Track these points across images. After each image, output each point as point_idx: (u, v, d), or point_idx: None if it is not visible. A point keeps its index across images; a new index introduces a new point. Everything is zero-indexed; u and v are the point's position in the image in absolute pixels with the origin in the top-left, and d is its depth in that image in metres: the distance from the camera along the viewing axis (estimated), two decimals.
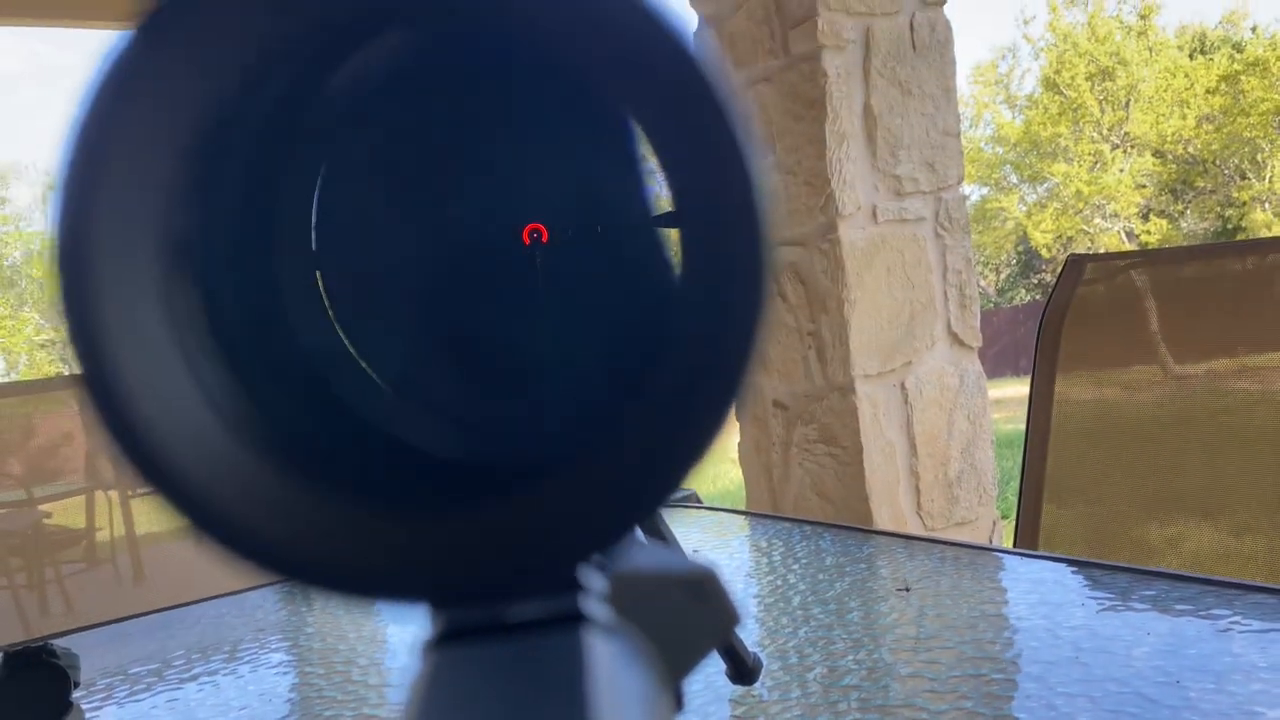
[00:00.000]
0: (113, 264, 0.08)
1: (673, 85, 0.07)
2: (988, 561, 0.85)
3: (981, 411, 2.38)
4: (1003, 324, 17.71)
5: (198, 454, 0.08)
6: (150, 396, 0.08)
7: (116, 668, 0.81)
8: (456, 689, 0.09)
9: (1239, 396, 1.32)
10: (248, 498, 0.08)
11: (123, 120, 0.07)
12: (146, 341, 0.08)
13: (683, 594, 0.15)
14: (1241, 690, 0.53)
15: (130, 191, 0.07)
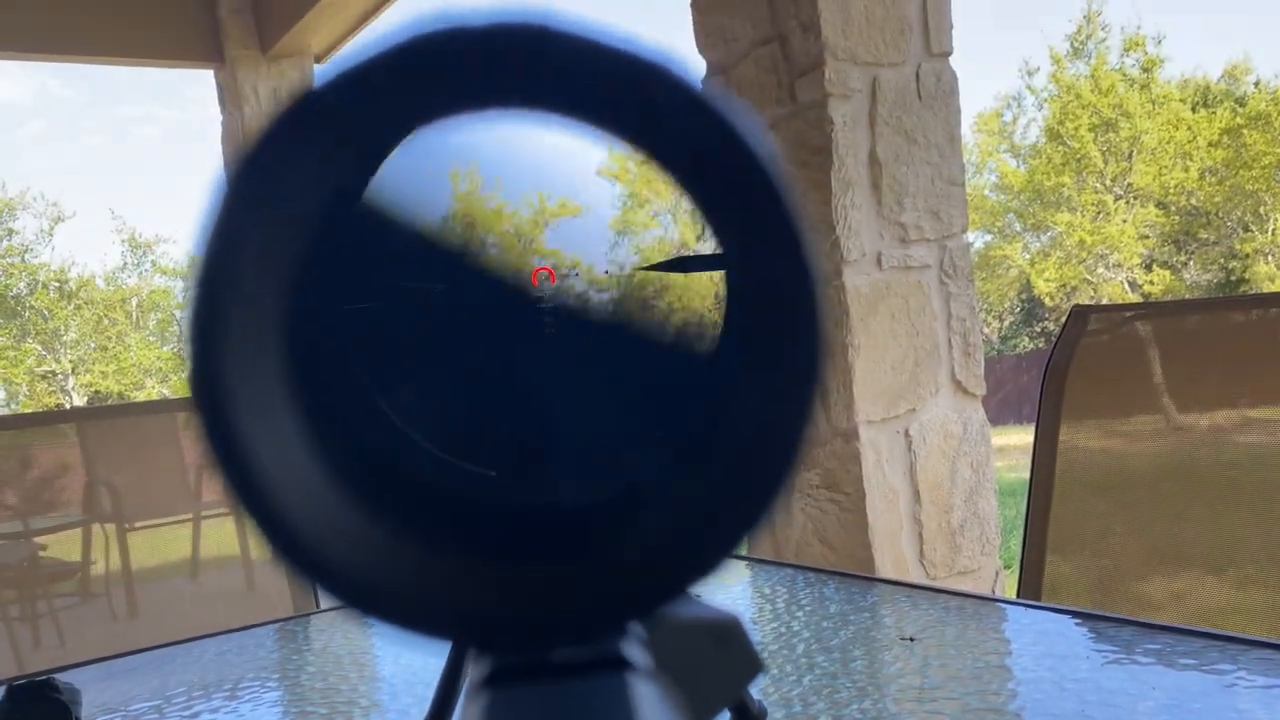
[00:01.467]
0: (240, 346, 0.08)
1: (730, 169, 0.08)
2: (992, 612, 0.84)
3: (985, 460, 2.38)
4: (1006, 372, 17.70)
5: (309, 514, 0.09)
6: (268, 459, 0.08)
7: (117, 704, 0.81)
8: None
9: (1243, 450, 1.32)
10: (351, 548, 0.09)
11: (256, 206, 0.08)
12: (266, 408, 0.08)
13: (709, 641, 0.16)
14: None
15: (258, 276, 0.08)
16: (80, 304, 21.57)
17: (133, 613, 1.84)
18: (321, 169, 0.08)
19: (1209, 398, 1.35)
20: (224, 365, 0.08)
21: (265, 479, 0.08)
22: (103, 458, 1.86)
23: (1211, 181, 17.55)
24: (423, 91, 0.08)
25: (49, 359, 21.23)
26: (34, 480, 1.95)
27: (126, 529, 1.87)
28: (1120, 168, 18.31)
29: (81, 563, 1.93)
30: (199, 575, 1.92)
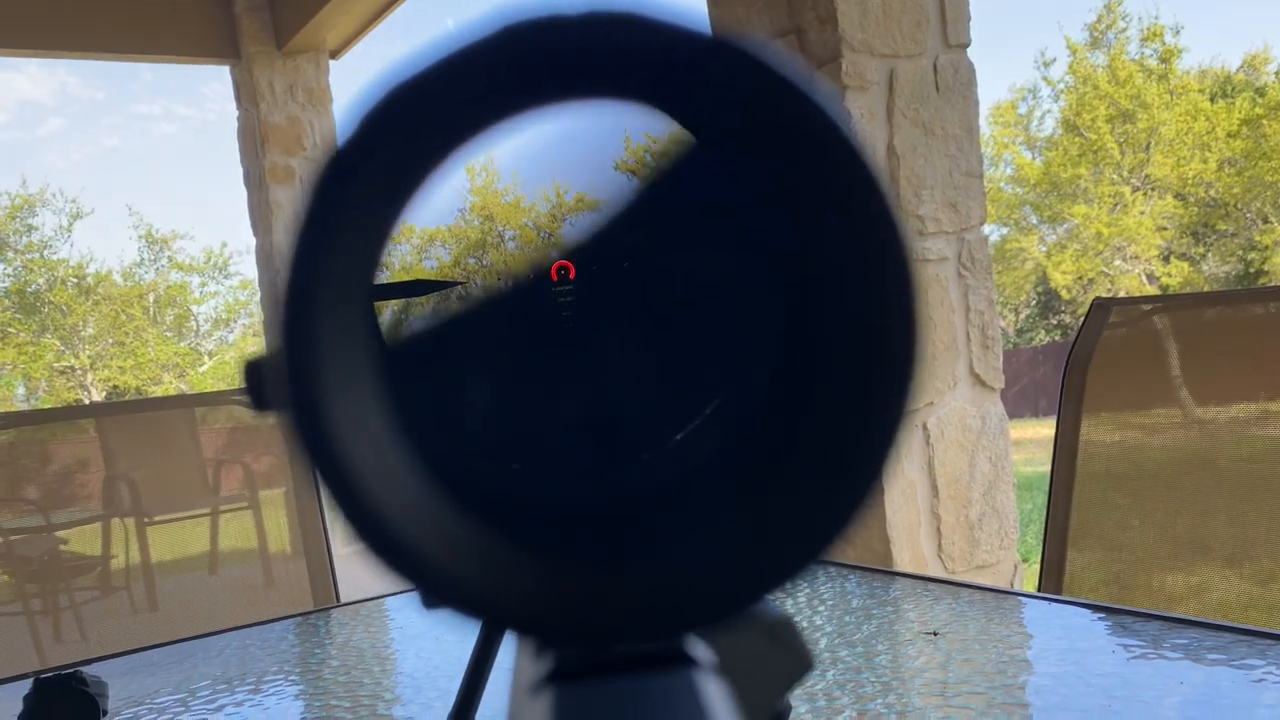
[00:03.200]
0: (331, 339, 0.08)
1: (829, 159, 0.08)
2: (1015, 606, 0.84)
3: (1003, 453, 2.37)
4: (1022, 365, 17.61)
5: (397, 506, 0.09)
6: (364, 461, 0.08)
7: (142, 696, 0.82)
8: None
9: (1264, 443, 1.31)
10: (446, 548, 0.09)
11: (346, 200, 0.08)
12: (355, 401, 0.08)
13: (761, 637, 0.16)
14: None
15: (348, 268, 0.08)
16: (98, 300, 21.69)
17: (152, 606, 1.85)
18: (409, 160, 0.08)
19: (1229, 390, 1.34)
20: (316, 360, 0.08)
21: (354, 471, 0.08)
22: (122, 452, 1.87)
23: (1230, 172, 17.40)
24: (515, 83, 0.08)
25: (68, 354, 21.37)
26: (55, 475, 1.97)
27: (146, 523, 1.88)
28: (1138, 159, 18.18)
29: (102, 557, 1.94)
30: (218, 569, 1.93)
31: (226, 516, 1.88)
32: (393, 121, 0.08)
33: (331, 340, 0.08)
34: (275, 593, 1.72)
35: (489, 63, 0.07)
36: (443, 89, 0.08)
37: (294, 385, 0.08)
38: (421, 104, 0.08)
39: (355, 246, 0.08)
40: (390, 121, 0.08)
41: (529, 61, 0.07)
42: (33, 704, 0.69)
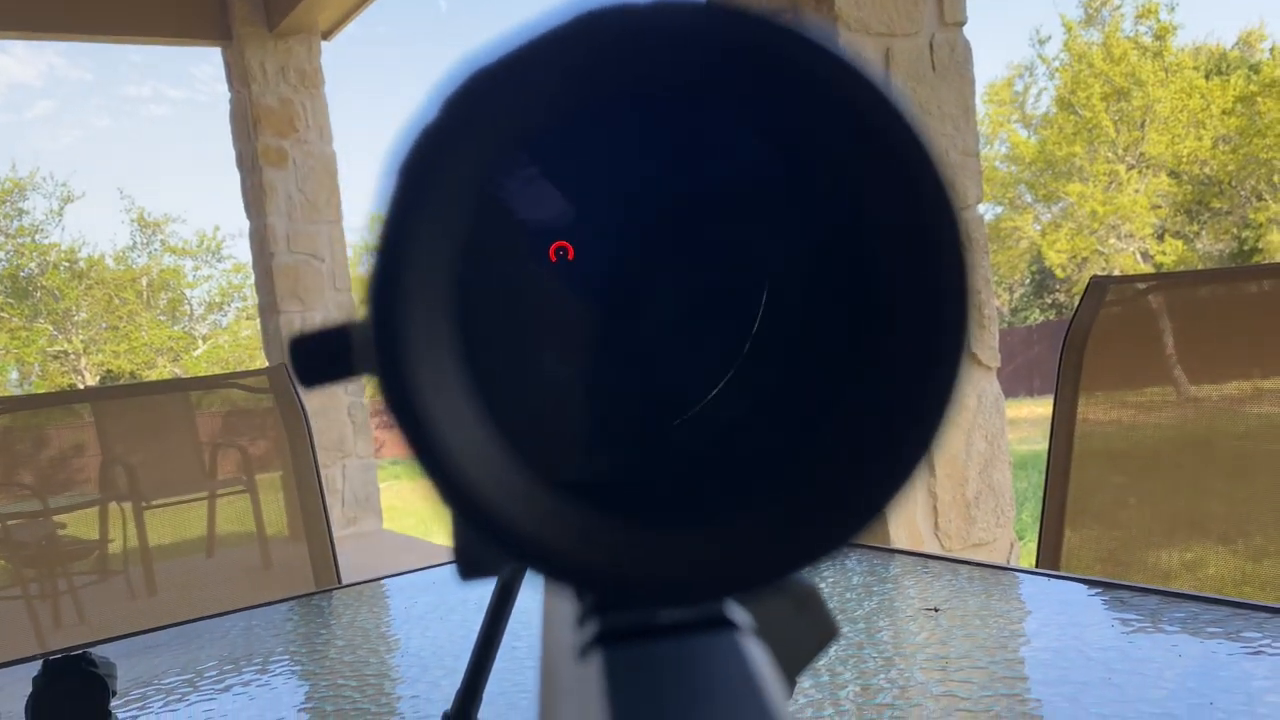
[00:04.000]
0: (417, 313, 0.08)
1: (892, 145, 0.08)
2: (1013, 582, 0.85)
3: (999, 432, 2.38)
4: (1016, 344, 17.64)
5: (482, 469, 0.09)
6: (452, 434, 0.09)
7: (150, 677, 0.82)
8: (643, 686, 0.10)
9: (1258, 420, 1.32)
10: (525, 510, 0.09)
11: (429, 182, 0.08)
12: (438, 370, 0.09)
13: (789, 606, 0.16)
14: (1275, 712, 0.54)
15: (432, 244, 0.08)
16: (91, 284, 21.62)
17: (151, 590, 1.86)
18: (486, 144, 0.08)
19: (1224, 369, 1.35)
20: (403, 332, 0.08)
21: (437, 435, 0.09)
22: (118, 437, 1.87)
23: (1225, 150, 17.39)
24: (589, 73, 0.08)
25: (61, 339, 21.32)
26: (51, 460, 1.97)
27: (144, 507, 1.89)
28: (1133, 137, 18.16)
29: (99, 541, 1.94)
30: (215, 553, 1.93)
31: (224, 500, 1.88)
32: (473, 104, 0.08)
33: (418, 310, 0.08)
34: (274, 576, 1.73)
35: (561, 49, 0.08)
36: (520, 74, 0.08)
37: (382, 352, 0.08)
38: (499, 88, 0.08)
39: (440, 223, 0.08)
40: (471, 104, 0.08)
41: (599, 47, 0.08)
42: (42, 685, 0.70)
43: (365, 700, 0.71)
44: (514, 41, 0.08)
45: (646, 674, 0.10)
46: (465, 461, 0.09)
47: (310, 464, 1.54)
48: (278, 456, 1.69)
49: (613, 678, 0.10)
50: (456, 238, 0.08)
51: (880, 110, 0.08)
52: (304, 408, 1.56)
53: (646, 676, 0.10)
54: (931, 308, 0.08)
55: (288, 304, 5.62)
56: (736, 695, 0.09)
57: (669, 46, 0.08)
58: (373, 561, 4.35)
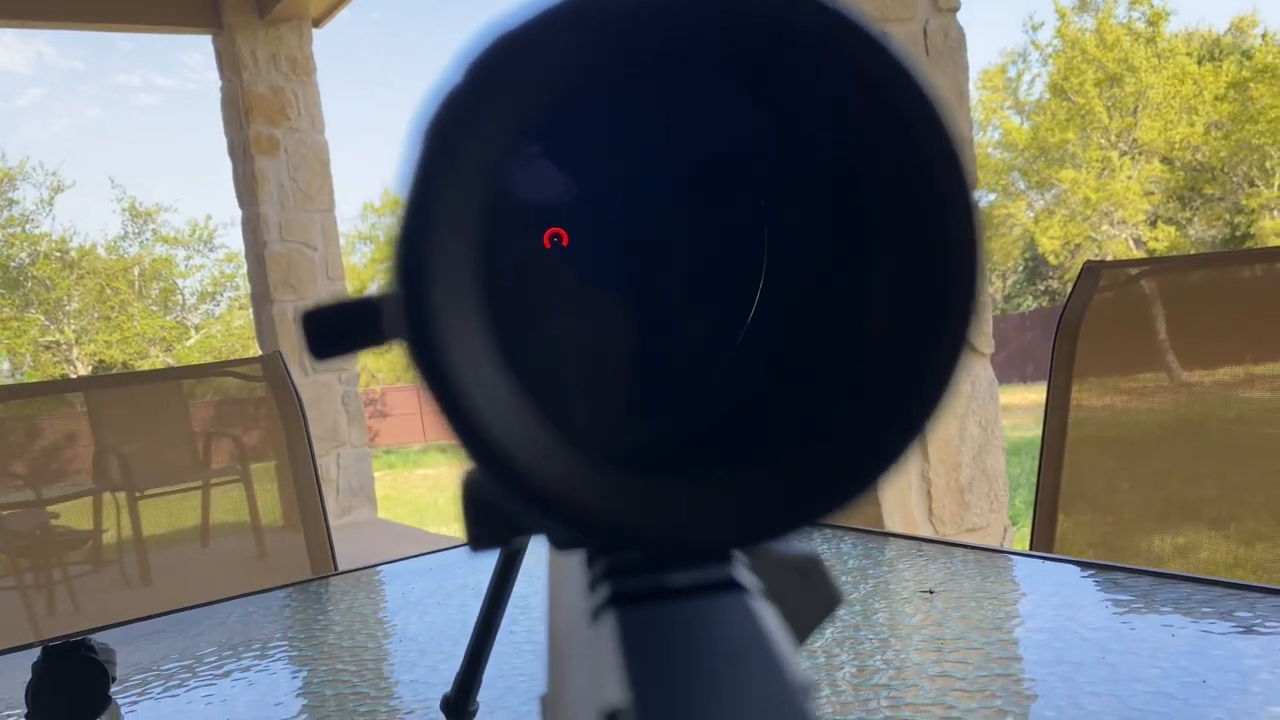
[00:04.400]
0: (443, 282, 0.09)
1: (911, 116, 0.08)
2: (1007, 565, 0.85)
3: (993, 418, 2.39)
4: (1010, 331, 17.68)
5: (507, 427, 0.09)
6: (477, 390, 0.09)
7: (149, 663, 0.82)
8: (656, 644, 0.10)
9: (1249, 405, 1.32)
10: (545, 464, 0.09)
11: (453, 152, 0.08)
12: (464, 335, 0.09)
13: (793, 574, 0.16)
14: (1268, 689, 0.54)
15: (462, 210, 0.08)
16: (82, 274, 21.55)
17: (145, 579, 1.86)
18: (508, 107, 0.08)
19: (1216, 354, 1.36)
20: (431, 300, 0.08)
21: (465, 397, 0.09)
22: (111, 426, 1.87)
23: (1217, 136, 17.42)
24: (600, 37, 0.08)
25: (52, 329, 21.25)
26: (44, 450, 1.96)
27: (137, 496, 1.88)
28: (1125, 123, 18.17)
29: (93, 531, 1.94)
30: (210, 542, 1.93)
31: (218, 490, 1.88)
32: (495, 68, 0.08)
33: (443, 273, 0.09)
34: (269, 564, 1.73)
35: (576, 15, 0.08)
36: (538, 39, 0.08)
37: (409, 313, 0.08)
38: (520, 53, 0.08)
39: (464, 186, 0.08)
40: (493, 68, 0.08)
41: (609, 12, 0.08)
42: (42, 671, 0.70)
43: (364, 685, 0.72)
44: (532, 10, 0.08)
45: (659, 633, 0.10)
46: (489, 417, 0.09)
47: (306, 452, 1.54)
48: (272, 445, 1.69)
49: (626, 637, 0.10)
50: (480, 201, 0.08)
51: (880, 63, 0.08)
52: (299, 396, 1.56)
53: (659, 635, 0.10)
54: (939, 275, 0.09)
55: (281, 293, 5.60)
56: (748, 651, 0.10)
57: (676, 11, 0.08)
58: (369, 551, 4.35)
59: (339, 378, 5.86)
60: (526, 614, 0.83)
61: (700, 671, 0.09)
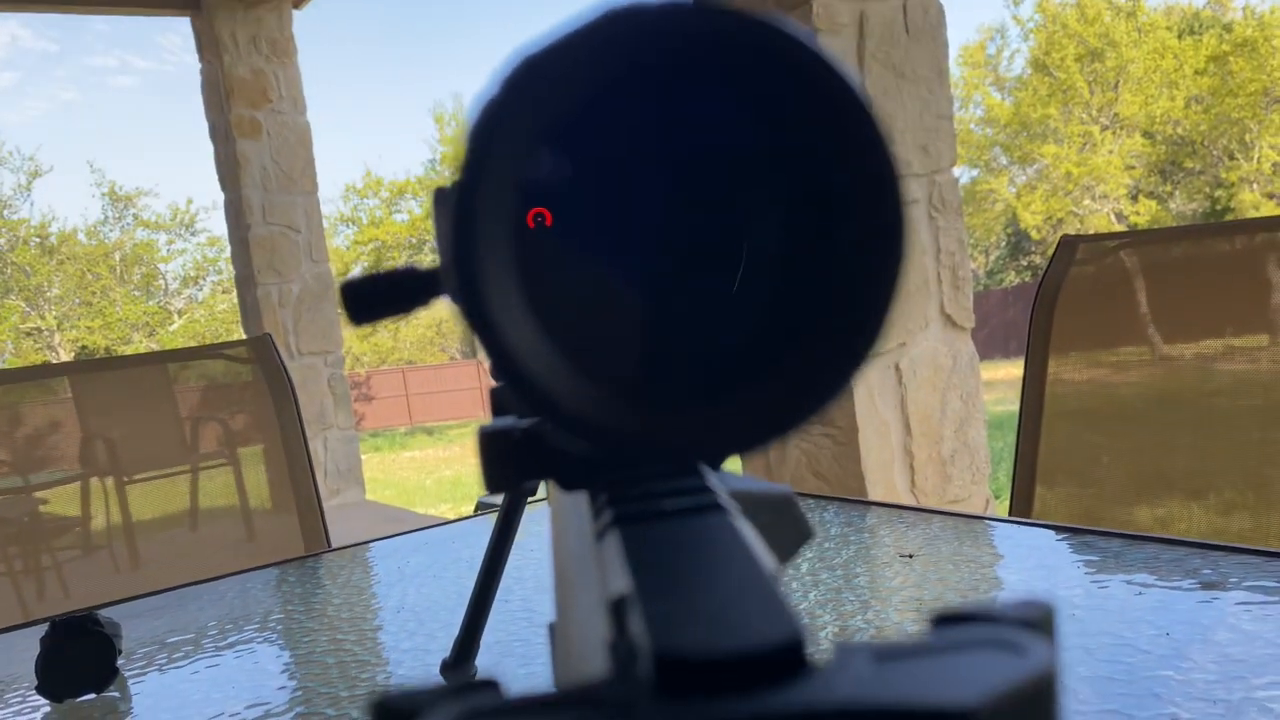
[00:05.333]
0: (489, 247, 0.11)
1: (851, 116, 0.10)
2: (985, 530, 0.88)
3: (974, 391, 2.42)
4: (992, 306, 17.79)
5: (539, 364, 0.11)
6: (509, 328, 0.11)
7: (153, 637, 0.84)
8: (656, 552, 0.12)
9: (1227, 377, 1.34)
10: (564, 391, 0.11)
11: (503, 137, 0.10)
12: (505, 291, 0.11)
13: (767, 510, 0.19)
14: (1227, 639, 0.57)
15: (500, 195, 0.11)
16: (62, 259, 21.40)
17: (135, 564, 1.87)
18: (537, 114, 0.10)
19: (1194, 326, 1.38)
20: (478, 264, 0.11)
21: (507, 342, 0.11)
22: (98, 412, 1.88)
23: (1197, 110, 17.50)
24: (612, 56, 0.10)
25: (33, 315, 21.11)
26: (30, 436, 1.97)
27: (125, 481, 1.89)
28: (1106, 97, 18.23)
29: (81, 516, 1.95)
30: (199, 526, 1.94)
31: (206, 474, 1.89)
32: (524, 82, 0.10)
33: (489, 246, 0.11)
34: (260, 547, 1.75)
35: (590, 39, 0.10)
36: (559, 58, 0.10)
37: (462, 280, 0.11)
38: (545, 69, 0.10)
39: (502, 179, 0.11)
40: (523, 82, 0.10)
41: (619, 37, 0.10)
42: (50, 645, 0.72)
43: (365, 653, 0.74)
44: (554, 34, 0.10)
45: (655, 544, 0.12)
46: (527, 359, 0.11)
47: (298, 432, 1.56)
48: (263, 427, 1.71)
49: (628, 547, 0.12)
50: (514, 191, 0.11)
51: (837, 87, 0.11)
52: (289, 377, 1.58)
53: (656, 545, 0.12)
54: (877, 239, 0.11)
55: (265, 276, 5.59)
56: (730, 552, 0.12)
57: (674, 36, 0.10)
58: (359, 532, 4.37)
59: (324, 360, 5.87)
60: (520, 584, 0.85)
61: (690, 568, 0.12)
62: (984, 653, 0.10)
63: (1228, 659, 0.55)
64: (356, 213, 19.91)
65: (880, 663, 0.10)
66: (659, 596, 0.11)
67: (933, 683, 0.09)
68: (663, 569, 0.12)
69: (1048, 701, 0.10)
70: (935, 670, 0.10)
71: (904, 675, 0.10)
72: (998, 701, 0.09)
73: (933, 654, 0.10)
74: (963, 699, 0.09)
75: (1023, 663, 0.10)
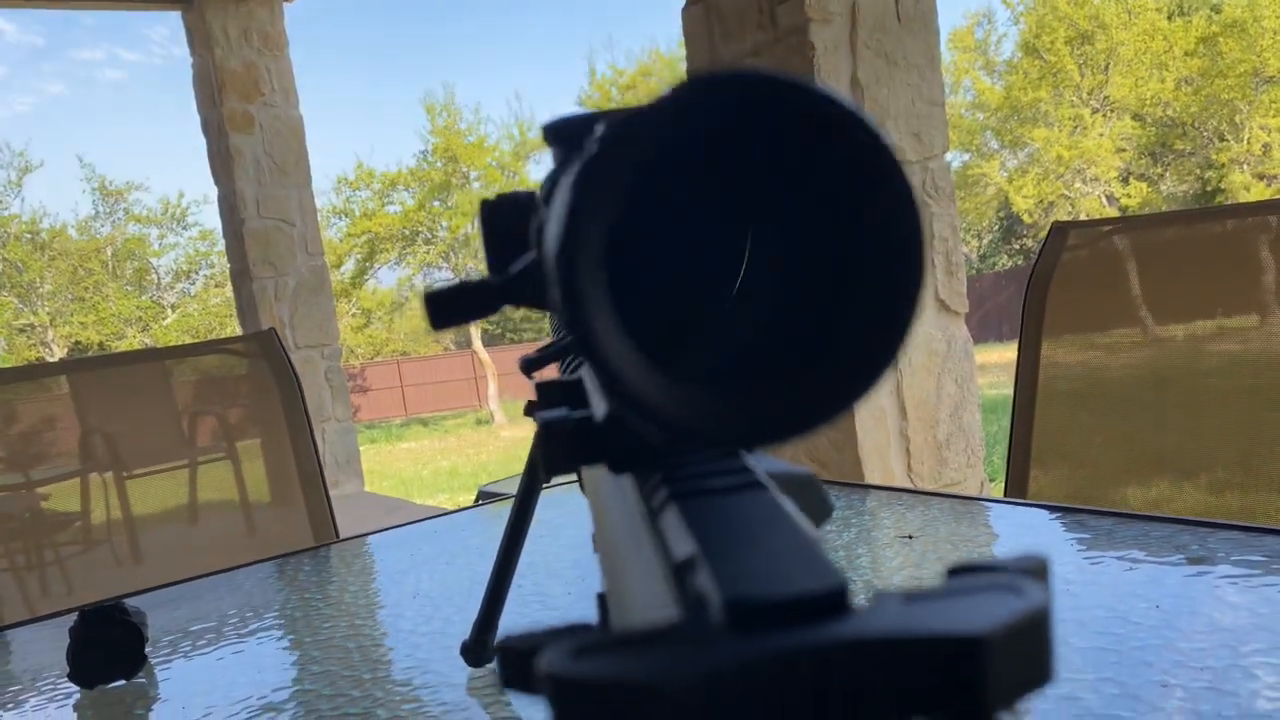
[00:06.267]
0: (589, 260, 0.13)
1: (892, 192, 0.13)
2: (982, 511, 0.91)
3: (969, 375, 2.45)
4: (985, 290, 17.84)
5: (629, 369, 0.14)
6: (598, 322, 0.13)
7: (177, 626, 0.87)
8: (715, 519, 0.14)
9: (1218, 358, 1.36)
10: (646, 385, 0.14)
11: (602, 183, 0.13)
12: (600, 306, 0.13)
13: (793, 488, 0.21)
14: (1213, 610, 0.60)
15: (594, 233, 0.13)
16: (54, 255, 21.33)
17: (137, 558, 1.89)
18: (626, 167, 0.13)
19: (1186, 308, 1.40)
20: (579, 276, 0.13)
21: (604, 352, 0.13)
22: (96, 408, 1.89)
23: (1187, 91, 17.52)
24: (687, 118, 0.13)
25: (26, 312, 21.05)
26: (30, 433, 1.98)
27: (125, 477, 1.90)
28: (1097, 80, 18.24)
29: (82, 512, 1.97)
30: (198, 520, 1.95)
31: (204, 469, 1.90)
32: (616, 140, 0.12)
33: (587, 266, 0.13)
34: (257, 542, 1.77)
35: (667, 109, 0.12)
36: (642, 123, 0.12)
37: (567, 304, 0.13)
38: (631, 130, 0.12)
39: (597, 216, 0.13)
40: (615, 140, 0.12)
41: (693, 107, 0.12)
42: (80, 633, 0.74)
43: (384, 637, 0.77)
44: (630, 112, 0.12)
45: (713, 515, 0.14)
46: (620, 364, 0.13)
47: (304, 424, 1.58)
48: (269, 420, 1.73)
49: (690, 519, 0.15)
50: (606, 226, 0.13)
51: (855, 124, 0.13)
52: (294, 370, 1.60)
53: (714, 517, 0.14)
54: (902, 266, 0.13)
55: (260, 269, 5.60)
56: (776, 521, 0.14)
57: (734, 101, 0.12)
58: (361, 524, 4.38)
59: (321, 353, 5.88)
60: (531, 570, 0.88)
61: (744, 534, 0.14)
62: (991, 594, 0.12)
63: (1215, 629, 0.58)
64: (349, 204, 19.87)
65: (908, 604, 0.12)
66: (721, 556, 0.13)
67: (951, 617, 0.12)
68: (721, 535, 0.14)
69: (1043, 631, 0.12)
70: (953, 608, 0.12)
71: (928, 612, 0.12)
72: (1003, 630, 0.11)
73: (950, 596, 0.12)
74: (976, 628, 0.11)
75: (1022, 601, 0.12)
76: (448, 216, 18.70)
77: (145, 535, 1.91)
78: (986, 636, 0.11)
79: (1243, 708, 0.48)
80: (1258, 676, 0.51)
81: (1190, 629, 0.58)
